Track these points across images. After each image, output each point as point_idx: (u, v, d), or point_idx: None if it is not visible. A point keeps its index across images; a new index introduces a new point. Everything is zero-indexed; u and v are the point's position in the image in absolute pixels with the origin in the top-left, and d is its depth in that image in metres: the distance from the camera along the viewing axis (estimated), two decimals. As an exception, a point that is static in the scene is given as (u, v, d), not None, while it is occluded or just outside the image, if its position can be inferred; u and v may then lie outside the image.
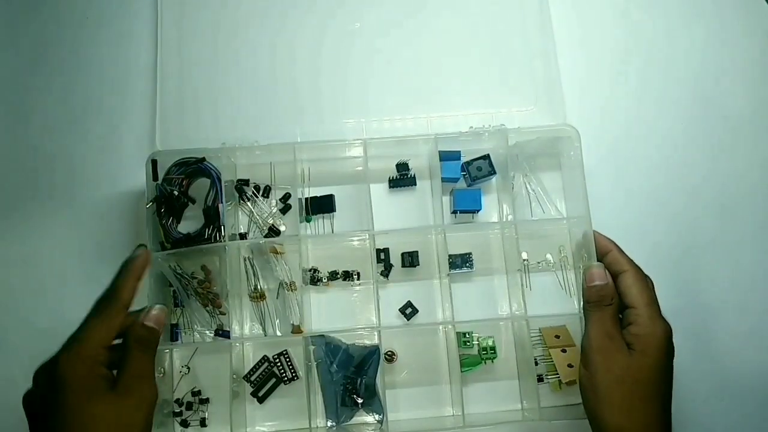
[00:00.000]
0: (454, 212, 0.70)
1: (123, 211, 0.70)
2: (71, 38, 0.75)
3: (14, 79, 0.74)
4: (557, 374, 0.64)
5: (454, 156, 0.69)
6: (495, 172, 0.69)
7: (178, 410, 0.66)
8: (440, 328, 0.69)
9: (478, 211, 0.69)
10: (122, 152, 0.72)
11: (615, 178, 0.73)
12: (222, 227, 0.65)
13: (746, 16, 0.78)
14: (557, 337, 0.64)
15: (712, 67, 0.77)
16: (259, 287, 0.68)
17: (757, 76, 0.77)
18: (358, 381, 0.65)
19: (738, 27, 0.78)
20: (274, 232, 0.68)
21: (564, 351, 0.63)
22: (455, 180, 0.70)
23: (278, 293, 0.68)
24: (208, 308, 0.66)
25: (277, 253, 0.67)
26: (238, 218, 0.70)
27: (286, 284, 0.67)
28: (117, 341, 0.54)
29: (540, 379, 0.65)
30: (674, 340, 0.59)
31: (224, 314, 0.65)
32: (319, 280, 0.68)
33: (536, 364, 0.65)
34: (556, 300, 0.69)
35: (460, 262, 0.69)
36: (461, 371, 0.64)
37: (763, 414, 0.69)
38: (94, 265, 0.69)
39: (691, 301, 0.71)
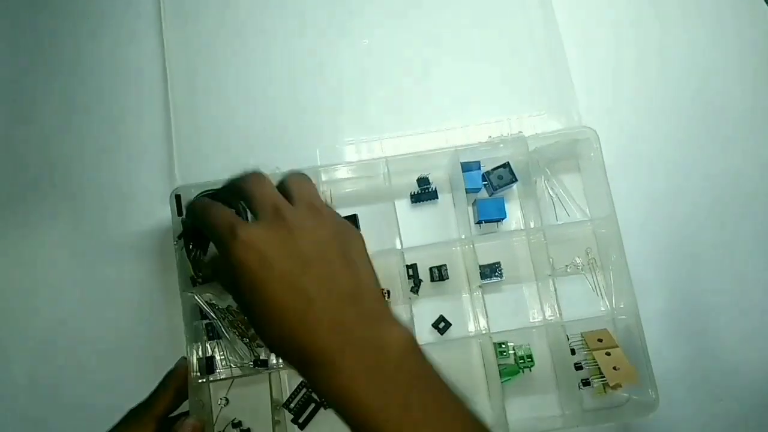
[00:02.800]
0: (479, 222, 0.70)
1: (148, 248, 0.70)
2: (81, 79, 0.75)
3: (26, 118, 0.73)
4: (602, 377, 0.63)
5: (474, 166, 0.69)
6: (516, 179, 0.69)
7: (220, 443, 0.65)
8: (475, 339, 0.69)
9: (502, 219, 0.70)
10: (141, 190, 0.71)
11: (627, 177, 0.72)
12: (251, 256, 0.64)
13: (747, 16, 0.79)
14: (600, 340, 0.64)
15: (714, 67, 0.77)
16: (291, 313, 0.67)
17: (760, 76, 0.77)
18: (399, 400, 0.64)
19: (738, 27, 0.78)
20: (301, 256, 0.67)
21: (608, 354, 0.63)
22: (477, 190, 0.70)
23: (311, 317, 0.67)
24: (244, 339, 0.65)
25: (306, 277, 0.67)
26: (265, 245, 0.69)
27: (318, 308, 0.66)
28: None
29: (586, 382, 0.65)
30: (674, 340, 0.59)
31: (261, 346, 0.65)
32: (351, 300, 0.68)
33: (581, 368, 0.65)
34: (588, 302, 0.69)
35: (489, 272, 0.69)
36: (501, 381, 0.64)
37: (763, 414, 0.68)
38: (122, 302, 0.69)
39: (691, 301, 0.70)
